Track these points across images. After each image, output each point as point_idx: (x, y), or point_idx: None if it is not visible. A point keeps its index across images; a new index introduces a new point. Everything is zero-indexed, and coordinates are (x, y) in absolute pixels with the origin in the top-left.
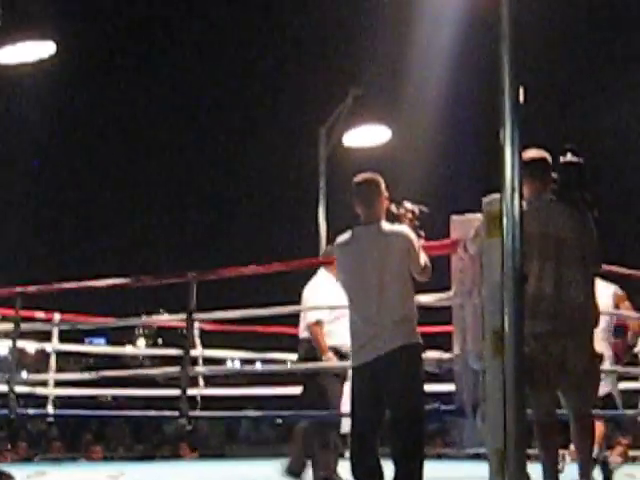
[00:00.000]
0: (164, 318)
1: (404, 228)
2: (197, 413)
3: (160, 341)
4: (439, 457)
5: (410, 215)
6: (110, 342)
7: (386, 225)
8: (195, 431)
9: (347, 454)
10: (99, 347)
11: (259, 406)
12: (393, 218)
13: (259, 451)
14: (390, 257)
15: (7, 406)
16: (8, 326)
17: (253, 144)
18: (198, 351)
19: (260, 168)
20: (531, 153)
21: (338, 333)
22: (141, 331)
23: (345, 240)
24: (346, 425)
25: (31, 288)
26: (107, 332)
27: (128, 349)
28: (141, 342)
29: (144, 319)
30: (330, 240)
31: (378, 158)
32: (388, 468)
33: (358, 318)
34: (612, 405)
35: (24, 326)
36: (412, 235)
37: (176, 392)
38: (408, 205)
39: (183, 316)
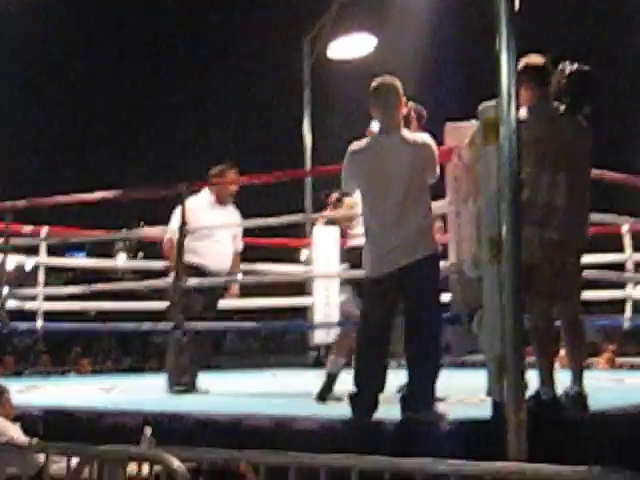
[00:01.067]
0: (157, 230)
1: (426, 137)
2: (191, 325)
3: (141, 255)
4: None
5: (416, 116)
6: (90, 255)
7: (408, 134)
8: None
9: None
10: (87, 260)
11: (243, 318)
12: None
13: (244, 362)
14: (414, 167)
15: None
16: None
17: (235, 55)
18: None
19: (243, 79)
20: (531, 59)
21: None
22: (121, 244)
23: (362, 147)
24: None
25: (21, 202)
26: (86, 246)
27: (120, 262)
28: (122, 255)
29: (138, 231)
30: (316, 151)
31: (364, 68)
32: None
33: (378, 228)
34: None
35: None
36: (433, 144)
37: (166, 304)
38: (413, 104)
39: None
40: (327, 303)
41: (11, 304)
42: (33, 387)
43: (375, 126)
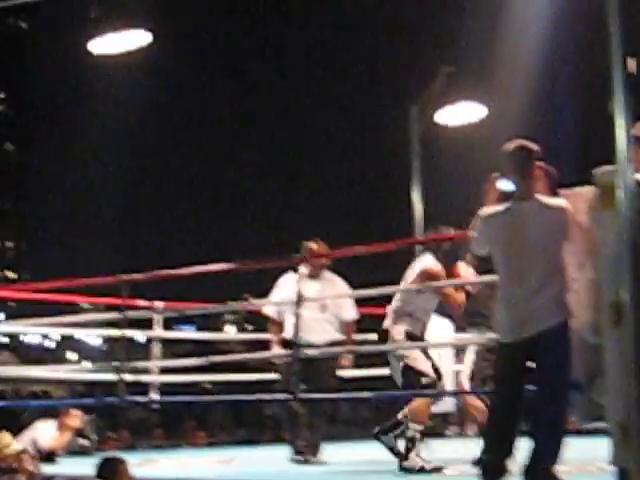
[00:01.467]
0: (264, 302)
1: (562, 201)
2: (306, 395)
3: (249, 327)
4: None
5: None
6: (199, 329)
7: (545, 198)
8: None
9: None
10: (200, 334)
11: (356, 388)
12: None
13: (359, 432)
14: (553, 233)
15: (116, 394)
16: (111, 315)
17: (345, 124)
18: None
19: (352, 148)
20: None
21: None
22: (229, 317)
23: (496, 212)
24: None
25: (137, 276)
26: (194, 319)
27: (230, 334)
28: (230, 328)
29: (252, 303)
30: (426, 220)
31: (473, 136)
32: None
33: (515, 293)
34: None
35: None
36: (569, 207)
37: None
38: (542, 164)
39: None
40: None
41: (127, 377)
42: (150, 461)
43: (504, 185)
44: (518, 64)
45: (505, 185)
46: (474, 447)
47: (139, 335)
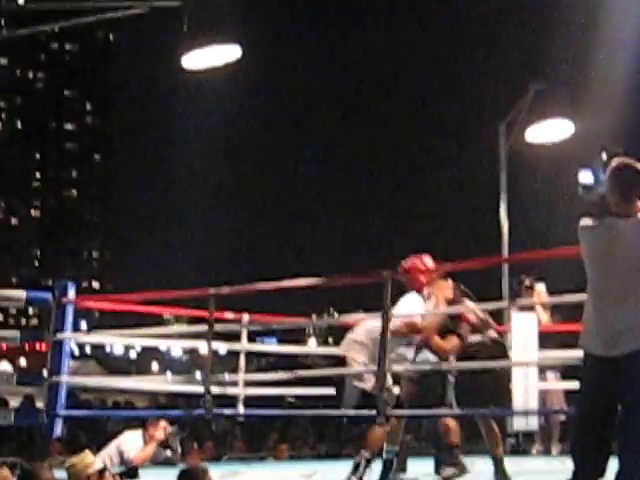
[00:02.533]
0: (358, 317)
1: None
2: (391, 411)
3: (330, 340)
4: None
5: None
6: (280, 341)
7: None
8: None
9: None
10: (285, 347)
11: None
12: None
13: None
14: None
15: (203, 406)
16: (196, 327)
17: (433, 141)
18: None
19: (441, 166)
20: None
21: None
22: (311, 330)
23: (594, 225)
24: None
25: (225, 289)
26: (276, 332)
27: (312, 347)
28: (312, 341)
29: (338, 318)
30: (512, 238)
31: (562, 154)
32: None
33: (600, 312)
34: None
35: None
36: None
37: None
38: None
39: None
40: (526, 390)
41: (214, 389)
42: (235, 473)
43: (584, 178)
44: (608, 80)
45: (586, 177)
46: (558, 466)
47: (223, 347)
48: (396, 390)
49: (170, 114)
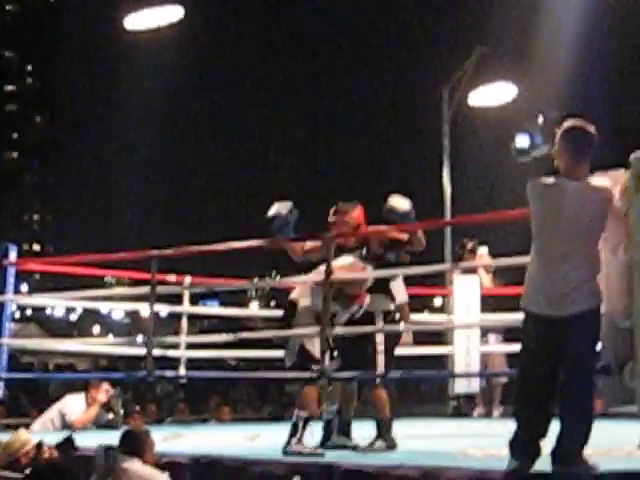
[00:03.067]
0: (300, 278)
1: (607, 184)
2: (334, 374)
3: (272, 303)
4: None
5: None
6: (223, 304)
7: (592, 180)
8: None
9: None
10: (227, 310)
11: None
12: None
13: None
14: (593, 217)
15: (144, 368)
16: (138, 290)
17: (376, 105)
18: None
19: (384, 129)
20: None
21: None
22: (254, 293)
23: (547, 184)
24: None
25: (167, 251)
26: (218, 295)
27: (256, 310)
28: (254, 304)
29: (280, 280)
30: (454, 202)
31: (504, 117)
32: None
33: (546, 272)
34: None
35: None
36: (613, 192)
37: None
38: None
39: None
40: (468, 352)
41: (156, 352)
42: (177, 435)
43: (520, 142)
44: (552, 43)
45: (522, 141)
46: (499, 428)
47: (164, 309)
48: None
49: (113, 76)
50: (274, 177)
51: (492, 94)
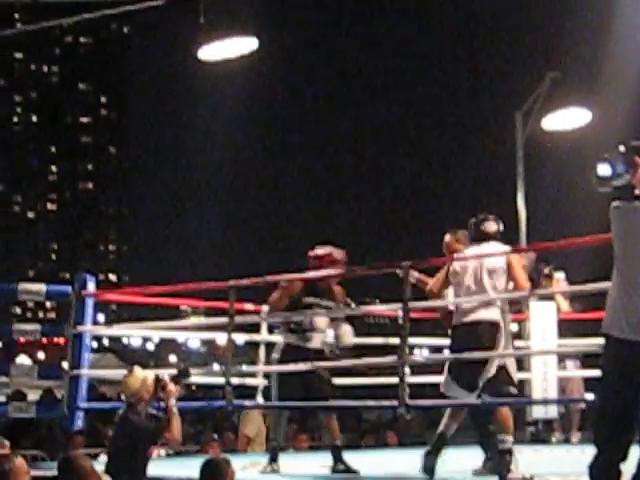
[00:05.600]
0: (380, 307)
1: None
2: (413, 402)
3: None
4: None
5: None
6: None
7: None
8: (395, 419)
9: None
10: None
11: None
12: None
13: (460, 438)
14: None
15: (223, 397)
16: (215, 319)
17: (451, 129)
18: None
19: (458, 155)
20: None
21: None
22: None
23: (632, 206)
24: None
25: (244, 281)
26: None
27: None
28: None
29: (360, 308)
30: (530, 227)
31: (578, 142)
32: None
33: (629, 295)
34: None
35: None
36: None
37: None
38: None
39: (398, 305)
40: (545, 378)
41: (234, 381)
42: (255, 463)
43: (602, 170)
44: (625, 68)
45: (603, 170)
46: (578, 454)
47: (241, 338)
48: None
49: (186, 106)
50: (350, 206)
51: (566, 119)
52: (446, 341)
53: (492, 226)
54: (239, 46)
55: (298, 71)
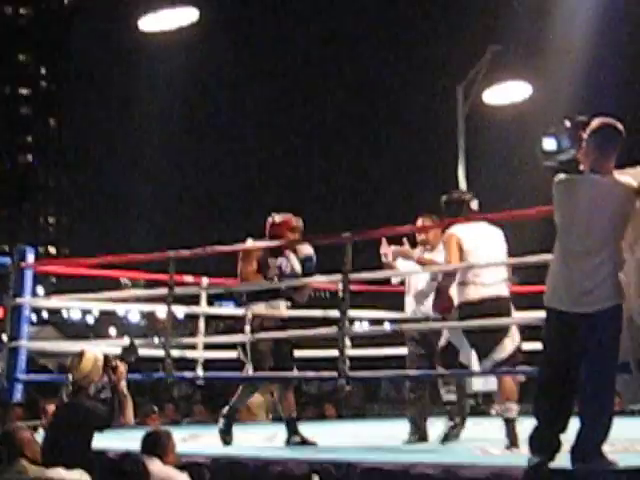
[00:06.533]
0: (320, 279)
1: (632, 181)
2: (353, 374)
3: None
4: None
5: None
6: (238, 305)
7: (618, 176)
8: (335, 392)
9: None
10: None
11: (398, 366)
12: None
13: (400, 410)
14: (618, 211)
15: (164, 370)
16: (155, 291)
17: (390, 104)
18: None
19: (398, 128)
20: None
21: None
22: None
23: (574, 179)
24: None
25: (184, 252)
26: (234, 295)
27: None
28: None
29: (300, 280)
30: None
31: (519, 115)
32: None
33: (569, 268)
34: None
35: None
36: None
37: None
38: None
39: (338, 277)
40: None
41: (174, 353)
42: (195, 436)
43: (548, 145)
44: (566, 42)
45: (549, 144)
46: (518, 425)
47: (181, 311)
48: None
49: (127, 78)
50: (291, 176)
51: (506, 93)
52: (386, 314)
53: (475, 205)
54: (179, 17)
55: (240, 41)
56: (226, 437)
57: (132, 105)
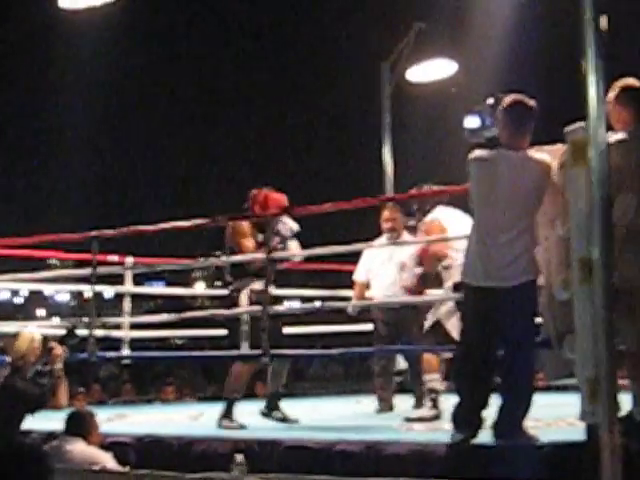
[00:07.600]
0: (247, 257)
1: (547, 157)
2: (277, 351)
3: (218, 283)
4: None
5: None
6: (168, 285)
7: (532, 152)
8: (263, 370)
9: None
10: (171, 289)
11: (325, 344)
12: None
13: (328, 389)
14: (532, 187)
15: (86, 350)
16: (81, 271)
17: (313, 82)
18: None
19: (322, 106)
20: (629, 81)
21: None
22: (199, 273)
23: (487, 155)
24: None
25: (108, 231)
26: (164, 276)
27: (199, 290)
28: (200, 284)
29: (226, 259)
30: (396, 178)
31: (444, 93)
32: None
33: (484, 244)
34: None
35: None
36: (552, 165)
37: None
38: None
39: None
40: None
41: (98, 333)
42: (121, 416)
43: (470, 122)
44: (490, 19)
45: (472, 122)
46: (443, 402)
47: (108, 291)
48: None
49: (46, 56)
50: (217, 156)
51: (431, 70)
52: (316, 292)
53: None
54: None
55: (164, 21)
56: (284, 417)
57: (53, 82)
